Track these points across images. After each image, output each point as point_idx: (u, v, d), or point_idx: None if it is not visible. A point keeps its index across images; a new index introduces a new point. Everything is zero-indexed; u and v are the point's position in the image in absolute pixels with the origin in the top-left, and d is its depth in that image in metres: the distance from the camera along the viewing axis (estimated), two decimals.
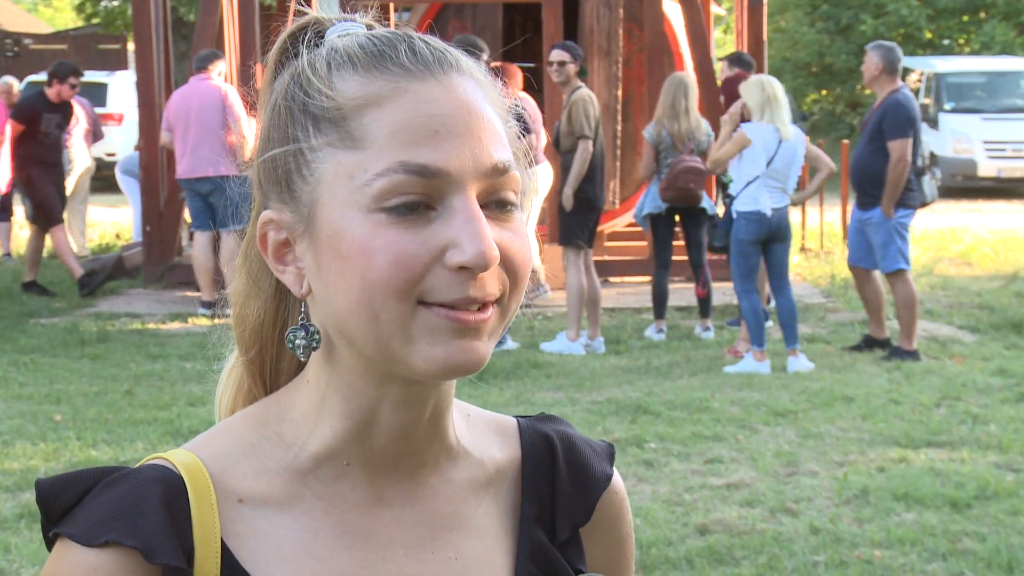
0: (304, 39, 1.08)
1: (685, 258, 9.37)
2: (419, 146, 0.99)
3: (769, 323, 9.41)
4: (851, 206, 13.78)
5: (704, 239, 9.01)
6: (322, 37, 1.08)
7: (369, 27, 1.09)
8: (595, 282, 8.69)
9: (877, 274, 8.50)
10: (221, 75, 9.88)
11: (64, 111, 11.20)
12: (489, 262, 0.98)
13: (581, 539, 1.18)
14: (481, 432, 1.17)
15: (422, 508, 1.11)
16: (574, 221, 8.53)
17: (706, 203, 8.87)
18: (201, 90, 9.71)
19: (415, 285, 0.98)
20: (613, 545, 1.21)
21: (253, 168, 1.09)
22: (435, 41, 1.06)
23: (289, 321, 1.13)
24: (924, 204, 8.56)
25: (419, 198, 0.99)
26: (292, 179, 1.04)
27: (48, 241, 11.23)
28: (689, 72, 11.33)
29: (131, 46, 15.57)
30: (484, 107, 1.03)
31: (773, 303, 8.89)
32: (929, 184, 8.46)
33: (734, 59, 10.76)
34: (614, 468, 1.22)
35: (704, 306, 9.14)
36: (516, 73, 8.44)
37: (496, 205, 1.02)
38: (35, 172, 10.99)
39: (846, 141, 14.77)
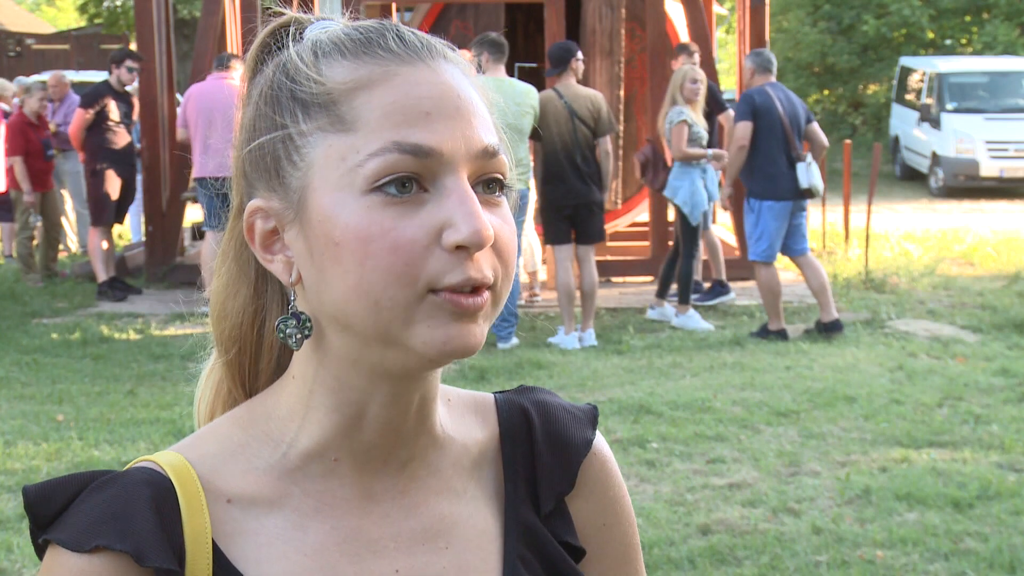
0: (287, 35, 1.09)
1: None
2: (412, 126, 1.00)
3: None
4: (852, 206, 13.85)
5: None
6: (302, 34, 1.09)
7: (348, 24, 1.10)
8: (590, 275, 8.81)
9: (810, 258, 9.04)
10: (240, 76, 9.87)
11: (129, 100, 10.77)
12: (485, 240, 0.99)
13: (567, 508, 1.18)
14: (461, 415, 1.17)
15: (410, 501, 1.11)
16: (544, 221, 8.90)
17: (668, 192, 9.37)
18: (225, 89, 9.71)
19: (417, 270, 0.99)
20: (602, 510, 1.21)
21: (237, 159, 1.09)
22: (419, 31, 1.07)
23: (268, 319, 1.13)
24: (808, 194, 8.90)
25: (412, 176, 0.99)
26: (281, 166, 1.04)
27: (101, 239, 10.72)
28: None
29: (133, 46, 15.56)
30: (471, 93, 1.05)
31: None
32: (806, 172, 8.78)
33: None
34: (596, 432, 1.21)
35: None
36: None
37: (485, 188, 1.03)
38: (103, 165, 10.54)
39: (848, 141, 14.77)
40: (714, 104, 9.90)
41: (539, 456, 1.17)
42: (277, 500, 1.07)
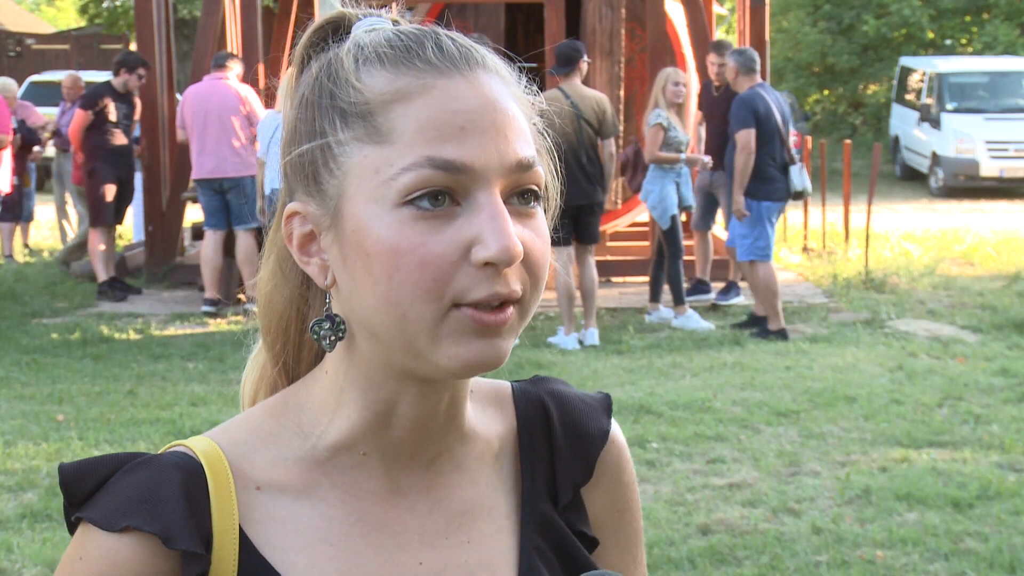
0: (332, 33, 1.10)
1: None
2: (445, 141, 1.00)
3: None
4: (852, 206, 13.85)
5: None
6: (348, 32, 1.09)
7: (395, 22, 1.10)
8: (589, 275, 8.82)
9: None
10: (238, 76, 9.87)
11: (130, 102, 10.75)
12: (513, 257, 0.99)
13: (582, 498, 1.20)
14: (483, 406, 1.19)
15: (436, 495, 1.13)
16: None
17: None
18: (219, 90, 9.70)
19: (444, 286, 0.99)
20: (615, 496, 1.23)
21: (281, 160, 1.10)
22: (461, 37, 1.07)
23: (311, 313, 1.14)
24: (799, 196, 9.12)
25: (444, 191, 1.00)
26: (319, 172, 1.05)
27: (105, 239, 10.74)
28: (691, 72, 11.34)
29: (133, 46, 15.56)
30: (509, 104, 1.04)
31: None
32: (799, 175, 8.95)
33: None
34: (611, 420, 1.23)
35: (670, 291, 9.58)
36: None
37: (519, 199, 1.03)
38: (100, 165, 10.54)
39: (848, 141, 14.76)
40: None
41: (557, 448, 1.19)
42: (305, 490, 1.09)
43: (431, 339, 1.01)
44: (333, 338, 1.07)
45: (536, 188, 1.04)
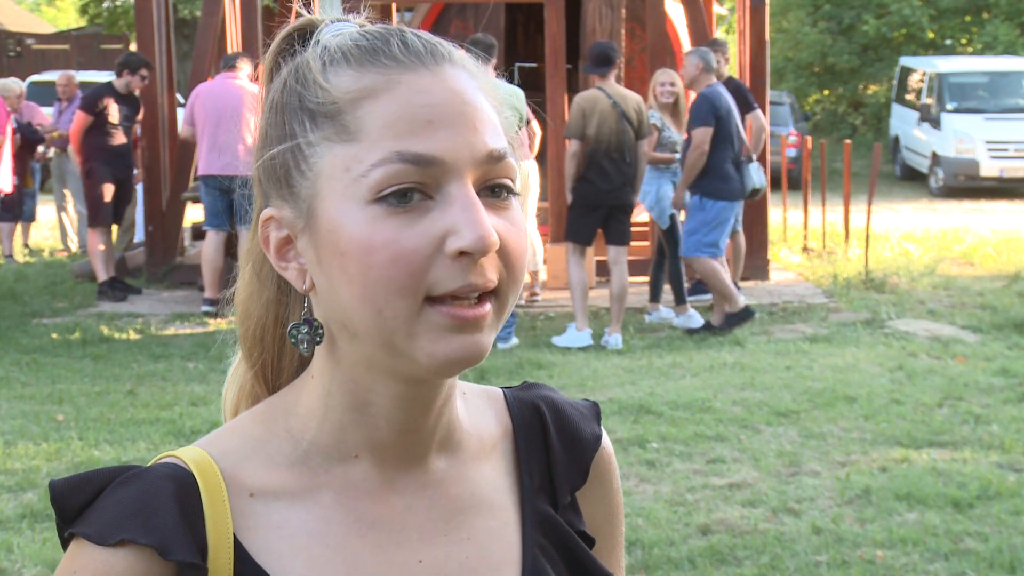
0: (300, 39, 1.10)
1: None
2: (414, 135, 1.00)
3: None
4: (852, 206, 13.85)
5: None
6: (315, 38, 1.09)
7: (361, 26, 1.10)
8: (622, 278, 8.79)
9: (723, 260, 9.11)
10: (248, 76, 9.87)
11: (132, 103, 10.73)
12: (488, 246, 0.99)
13: (578, 501, 1.21)
14: (476, 408, 1.19)
15: (432, 493, 1.12)
16: (571, 218, 8.80)
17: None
18: (232, 89, 9.70)
19: (419, 280, 0.99)
20: (606, 500, 1.24)
21: (253, 167, 1.10)
22: (426, 34, 1.07)
23: (290, 319, 1.14)
24: (755, 193, 9.21)
25: (415, 186, 0.99)
26: (291, 175, 1.05)
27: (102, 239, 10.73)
28: None
29: (133, 46, 15.56)
30: (477, 96, 1.04)
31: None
32: (755, 171, 9.05)
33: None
34: (601, 426, 1.25)
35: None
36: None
37: (492, 192, 1.03)
38: (98, 165, 10.52)
39: (848, 141, 14.77)
40: (742, 103, 9.87)
41: (553, 452, 1.20)
42: (299, 494, 1.08)
43: (408, 335, 1.00)
44: (311, 342, 1.07)
45: (509, 181, 1.04)
